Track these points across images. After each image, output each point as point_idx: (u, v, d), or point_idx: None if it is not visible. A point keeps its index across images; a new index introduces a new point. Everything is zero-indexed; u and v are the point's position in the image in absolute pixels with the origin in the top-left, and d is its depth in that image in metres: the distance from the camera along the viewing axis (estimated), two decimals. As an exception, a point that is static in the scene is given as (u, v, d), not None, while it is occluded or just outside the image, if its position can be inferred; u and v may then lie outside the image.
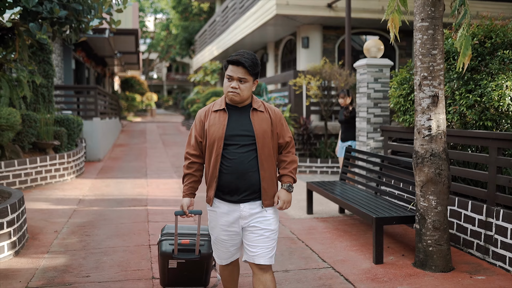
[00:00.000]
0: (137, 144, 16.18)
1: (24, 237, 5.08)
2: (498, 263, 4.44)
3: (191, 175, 3.10)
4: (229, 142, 2.92)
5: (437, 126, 4.26)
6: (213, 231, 3.07)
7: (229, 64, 2.90)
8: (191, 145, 3.11)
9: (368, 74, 6.67)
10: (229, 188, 2.93)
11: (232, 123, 2.95)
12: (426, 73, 4.24)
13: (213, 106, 3.05)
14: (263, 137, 2.94)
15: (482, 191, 4.69)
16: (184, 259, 3.38)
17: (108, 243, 5.18)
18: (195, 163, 3.10)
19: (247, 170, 2.91)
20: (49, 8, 7.23)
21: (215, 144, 2.93)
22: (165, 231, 3.55)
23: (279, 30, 14.87)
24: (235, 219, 2.96)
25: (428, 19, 4.21)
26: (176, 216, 3.26)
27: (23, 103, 8.90)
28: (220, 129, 2.93)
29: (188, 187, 3.10)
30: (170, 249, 3.38)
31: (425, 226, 4.37)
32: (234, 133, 2.93)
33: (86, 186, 8.69)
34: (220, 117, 2.98)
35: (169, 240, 3.43)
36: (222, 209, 2.98)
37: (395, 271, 4.37)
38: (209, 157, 2.99)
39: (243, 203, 2.94)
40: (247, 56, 2.89)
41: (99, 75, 24.23)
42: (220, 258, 3.14)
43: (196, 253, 3.40)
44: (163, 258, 3.39)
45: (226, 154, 2.92)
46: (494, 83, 4.85)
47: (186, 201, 3.10)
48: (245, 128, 2.94)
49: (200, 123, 3.06)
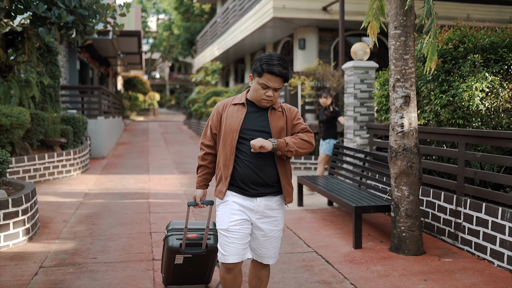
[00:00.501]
0: (139, 142, 16.68)
1: (36, 225, 5.57)
2: (466, 247, 4.90)
3: (205, 167, 3.11)
4: (244, 135, 2.90)
5: (409, 124, 4.73)
6: (223, 224, 2.94)
7: (266, 73, 2.84)
8: (207, 136, 3.10)
9: (355, 75, 7.14)
10: (243, 181, 2.90)
11: (249, 118, 2.94)
12: (399, 75, 4.71)
13: (233, 100, 3.04)
14: (279, 134, 2.94)
15: (452, 183, 5.16)
16: (191, 254, 3.36)
17: (112, 230, 5.67)
18: (209, 154, 3.10)
19: (263, 164, 2.90)
20: (57, 13, 7.72)
21: (229, 136, 2.92)
22: (171, 227, 3.52)
23: (277, 32, 15.35)
24: (247, 210, 2.93)
25: (400, 27, 4.68)
26: (189, 207, 3.25)
27: (32, 103, 9.37)
28: (237, 122, 2.91)
29: (202, 179, 3.12)
30: (177, 243, 3.35)
31: (399, 214, 4.84)
32: (250, 127, 2.92)
33: (91, 181, 9.18)
34: (238, 111, 2.96)
35: (175, 235, 3.41)
36: (235, 199, 2.94)
37: (371, 255, 4.84)
38: (223, 149, 2.96)
39: (260, 197, 2.93)
40: (284, 65, 2.85)
41: (103, 75, 24.74)
42: (231, 253, 2.91)
43: (203, 247, 3.37)
44: (171, 253, 3.34)
45: (241, 147, 2.90)
46: (465, 84, 5.32)
47: (199, 192, 3.13)
48: (262, 125, 2.93)
49: (217, 115, 3.04)
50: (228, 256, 2.91)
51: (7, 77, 8.65)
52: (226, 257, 2.92)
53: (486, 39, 5.56)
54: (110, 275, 4.20)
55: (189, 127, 23.34)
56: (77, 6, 7.84)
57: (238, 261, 2.92)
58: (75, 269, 4.36)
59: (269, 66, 2.80)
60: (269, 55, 2.87)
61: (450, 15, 13.33)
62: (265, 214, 2.95)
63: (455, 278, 4.19)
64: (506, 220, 4.36)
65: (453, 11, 13.32)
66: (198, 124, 20.03)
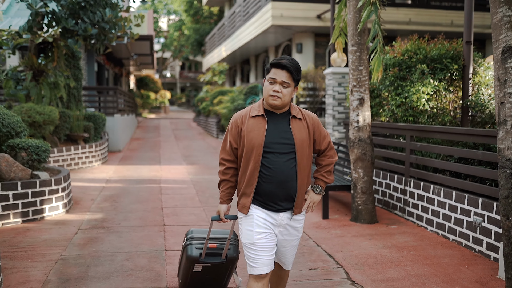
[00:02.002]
0: (151, 138, 18.11)
1: (70, 202, 6.96)
2: (410, 218, 6.21)
3: (228, 181, 3.04)
4: (268, 149, 2.83)
5: (363, 120, 6.04)
6: (249, 238, 2.91)
7: (273, 67, 2.84)
8: (226, 150, 3.01)
9: (333, 80, 8.44)
10: (267, 197, 2.87)
11: (271, 130, 2.87)
12: (355, 82, 6.02)
13: (251, 112, 2.94)
14: (302, 146, 2.88)
15: (402, 168, 6.46)
16: (210, 263, 3.31)
17: (131, 206, 7.05)
18: (230, 169, 3.02)
19: (286, 179, 2.85)
20: (83, 27, 9.12)
21: (254, 151, 2.84)
22: (190, 235, 3.44)
23: (278, 37, 16.65)
24: (272, 224, 2.93)
25: (356, 44, 5.98)
26: (212, 221, 3.19)
27: (60, 102, 10.79)
28: (260, 136, 2.83)
29: (225, 193, 3.05)
30: (197, 253, 3.30)
31: (356, 191, 6.16)
32: (273, 140, 2.85)
33: (111, 170, 10.59)
34: (259, 123, 2.87)
35: (195, 244, 3.36)
36: (259, 213, 2.91)
37: (335, 223, 6.16)
38: (246, 164, 2.90)
39: (283, 212, 2.91)
40: (292, 60, 2.83)
41: (117, 75, 26.22)
42: (260, 265, 2.90)
43: (223, 257, 3.32)
44: (190, 262, 3.30)
45: (265, 162, 2.84)
46: (414, 88, 6.61)
47: (224, 208, 3.07)
48: (285, 136, 2.86)
49: (236, 128, 2.95)
50: (257, 268, 2.89)
51: (39, 80, 10.06)
52: (255, 269, 2.90)
53: (434, 51, 6.85)
54: (132, 234, 5.57)
55: (198, 124, 24.76)
56: (100, 20, 9.22)
57: (268, 271, 2.91)
58: (105, 230, 5.74)
59: (275, 60, 2.82)
60: (281, 56, 2.90)
61: (435, 22, 14.55)
62: (287, 227, 2.96)
63: (393, 238, 5.50)
64: (435, 194, 5.66)
65: (438, 18, 14.52)
66: (206, 122, 21.39)
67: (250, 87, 15.16)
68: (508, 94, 3.24)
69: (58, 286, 3.98)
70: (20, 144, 6.67)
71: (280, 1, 14.01)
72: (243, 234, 2.96)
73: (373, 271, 4.45)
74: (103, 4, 9.27)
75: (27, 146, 6.69)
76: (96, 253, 4.85)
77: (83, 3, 9.07)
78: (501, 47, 3.29)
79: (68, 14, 9.10)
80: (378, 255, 4.88)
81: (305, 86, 11.86)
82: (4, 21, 15.00)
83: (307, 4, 14.01)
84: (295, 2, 14.29)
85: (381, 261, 4.72)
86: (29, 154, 6.70)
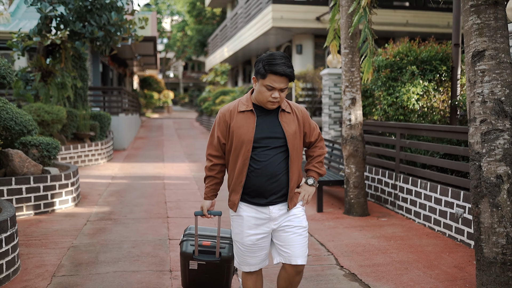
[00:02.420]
0: (155, 137, 18.51)
1: (78, 196, 7.34)
2: (400, 211, 6.57)
3: (213, 178, 3.01)
4: (257, 144, 2.79)
5: (355, 118, 6.40)
6: (238, 237, 2.93)
7: (270, 74, 2.70)
8: (214, 146, 2.96)
9: (330, 80, 8.81)
10: (257, 191, 2.83)
11: (260, 126, 2.82)
12: (347, 83, 6.39)
13: (239, 106, 2.87)
14: (294, 138, 2.84)
15: (392, 164, 6.82)
16: (204, 261, 3.25)
17: (137, 200, 7.43)
18: (217, 165, 2.99)
19: (276, 172, 2.81)
20: (90, 30, 9.51)
21: (243, 147, 2.80)
22: (188, 232, 3.42)
23: (278, 38, 17.01)
24: (263, 222, 2.87)
25: (348, 47, 6.34)
26: (196, 216, 3.18)
27: (67, 102, 11.18)
28: (249, 132, 2.78)
29: (209, 189, 3.03)
30: (191, 249, 3.26)
31: (349, 185, 6.52)
32: (263, 135, 2.81)
33: (116, 167, 10.98)
34: (247, 119, 2.82)
35: (190, 240, 3.33)
36: (249, 212, 2.88)
37: (328, 216, 6.53)
38: (235, 161, 2.85)
39: (272, 205, 2.86)
40: (287, 63, 2.72)
41: (120, 75, 26.63)
42: (248, 264, 2.95)
43: (217, 255, 3.25)
44: (184, 258, 3.29)
45: (254, 156, 2.80)
46: (405, 89, 6.97)
47: (207, 203, 3.05)
48: (275, 130, 2.82)
49: (225, 123, 2.88)
50: (244, 266, 2.97)
51: (47, 81, 10.45)
52: (242, 266, 2.98)
53: (424, 53, 7.20)
54: (137, 225, 5.95)
55: (201, 124, 25.16)
56: (106, 23, 9.61)
57: (256, 269, 2.96)
58: (112, 222, 6.12)
59: (272, 66, 2.67)
60: (270, 55, 2.74)
61: (431, 23, 14.90)
62: (284, 217, 2.90)
63: (382, 229, 5.87)
64: (422, 188, 6.01)
65: (434, 19, 14.87)
66: (209, 121, 21.78)
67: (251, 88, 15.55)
68: (477, 94, 3.60)
69: (71, 269, 4.36)
70: (31, 141, 7.06)
71: (281, 4, 14.38)
72: (233, 231, 3.00)
73: (360, 257, 4.82)
74: (109, 8, 9.65)
75: (39, 143, 7.08)
76: (105, 242, 5.23)
77: (90, 6, 9.47)
78: (471, 52, 3.65)
79: (75, 17, 9.50)
80: (366, 244, 5.25)
81: (304, 86, 12.23)
82: (12, 23, 15.42)
83: (306, 6, 14.38)
84: (295, 4, 14.67)
85: (369, 249, 5.08)
86: (40, 150, 7.09)
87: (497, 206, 3.50)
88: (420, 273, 4.37)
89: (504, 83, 3.51)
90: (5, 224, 4.03)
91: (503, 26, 3.54)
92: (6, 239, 4.03)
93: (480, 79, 3.57)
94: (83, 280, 4.11)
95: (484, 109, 3.55)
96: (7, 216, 4.10)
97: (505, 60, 3.52)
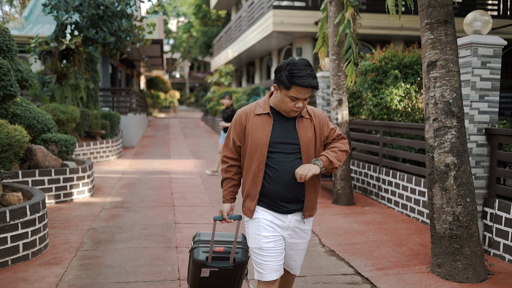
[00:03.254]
0: (162, 136, 19.31)
1: (93, 188, 8.12)
2: (382, 201, 7.30)
3: (230, 179, 2.95)
4: (273, 149, 2.74)
5: (342, 118, 7.14)
6: (256, 242, 2.82)
7: (295, 86, 2.63)
8: (229, 148, 2.92)
9: (323, 82, 9.53)
10: (274, 198, 2.77)
11: (276, 130, 2.76)
12: (335, 86, 7.12)
13: (256, 109, 2.83)
14: (308, 145, 2.78)
15: (376, 158, 7.55)
16: (217, 268, 3.08)
17: (146, 192, 8.20)
18: (233, 166, 2.94)
19: (293, 180, 2.74)
20: (102, 36, 10.28)
21: (257, 151, 2.75)
22: (197, 238, 3.19)
23: (280, 41, 17.75)
24: (279, 227, 2.82)
25: (335, 54, 7.08)
26: (215, 221, 3.03)
27: (80, 102, 11.98)
28: (265, 135, 2.74)
29: (228, 192, 2.95)
30: (203, 257, 3.07)
31: (336, 178, 7.26)
32: (278, 140, 2.75)
33: (126, 163, 11.77)
34: (264, 122, 2.77)
35: (201, 247, 3.12)
36: (266, 216, 2.81)
37: (318, 205, 7.25)
38: (249, 165, 2.80)
39: (291, 214, 2.81)
40: (313, 73, 2.65)
41: (128, 75, 27.47)
42: (269, 271, 2.81)
43: (231, 261, 3.07)
44: (196, 266, 3.09)
45: (269, 163, 2.74)
46: (388, 91, 7.70)
47: (227, 207, 2.96)
48: (290, 136, 2.76)
49: (240, 126, 2.85)
50: (266, 274, 2.81)
51: (62, 83, 11.25)
52: (263, 275, 2.82)
53: (407, 58, 7.92)
54: (147, 212, 6.72)
55: (206, 123, 25.97)
56: (117, 30, 10.39)
57: (277, 277, 2.83)
58: (125, 209, 6.89)
59: (297, 79, 2.60)
60: (293, 64, 2.64)
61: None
62: (296, 230, 2.86)
63: (365, 216, 6.60)
64: (401, 180, 6.74)
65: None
66: (213, 120, 22.56)
67: (252, 89, 16.30)
68: (431, 97, 4.32)
69: (92, 246, 5.13)
70: (51, 138, 7.85)
71: (281, 9, 15.14)
72: (250, 238, 2.89)
73: (341, 238, 5.56)
74: (119, 15, 10.43)
75: (58, 140, 7.87)
76: (119, 225, 6.00)
77: (102, 14, 10.25)
78: (426, 62, 4.38)
79: (89, 24, 10.28)
80: (348, 228, 5.99)
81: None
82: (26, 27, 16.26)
83: (305, 11, 15.12)
84: (295, 10, 15.42)
85: (349, 232, 5.82)
86: (59, 146, 7.87)
87: (445, 189, 4.24)
88: (389, 249, 5.10)
89: (452, 88, 4.24)
90: (38, 205, 4.81)
91: (452, 40, 4.27)
92: (39, 218, 4.81)
93: (433, 84, 4.31)
94: (103, 253, 4.88)
95: (436, 110, 4.29)
96: (39, 199, 4.88)
97: (453, 69, 4.26)
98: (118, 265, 4.52)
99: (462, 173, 4.22)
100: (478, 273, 4.19)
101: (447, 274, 4.23)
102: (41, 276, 4.21)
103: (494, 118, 5.04)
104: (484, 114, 5.00)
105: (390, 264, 4.66)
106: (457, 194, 4.21)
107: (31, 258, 4.66)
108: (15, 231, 4.49)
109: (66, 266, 4.49)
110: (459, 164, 4.21)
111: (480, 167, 5.04)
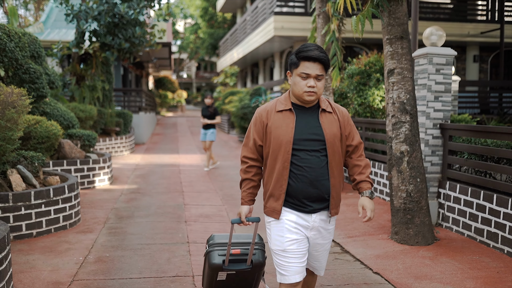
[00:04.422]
0: (170, 133, 20.45)
1: (112, 177, 9.24)
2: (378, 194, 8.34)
3: (250, 180, 2.85)
4: (297, 147, 2.65)
5: (328, 115, 8.20)
6: (279, 244, 2.74)
7: (303, 61, 2.59)
8: (249, 148, 2.83)
9: (316, 84, 10.62)
10: (299, 197, 2.68)
11: (300, 126, 2.67)
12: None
13: (277, 106, 2.75)
14: (333, 141, 2.68)
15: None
16: (234, 271, 3.01)
17: (158, 181, 9.32)
18: (253, 167, 2.84)
19: (318, 178, 2.65)
20: (118, 42, 11.40)
21: (281, 149, 2.66)
22: (212, 241, 3.12)
23: (282, 44, 18.83)
24: (303, 227, 2.73)
25: (323, 60, 8.14)
26: (233, 224, 2.92)
27: (97, 102, 13.13)
28: (288, 132, 2.65)
29: (247, 193, 2.86)
30: (219, 260, 3.00)
31: (324, 168, 8.32)
32: (302, 137, 2.66)
33: (138, 157, 12.91)
34: (286, 119, 2.69)
35: (217, 250, 3.05)
36: (289, 217, 2.72)
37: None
38: (273, 164, 2.71)
39: (315, 213, 2.72)
40: (321, 49, 2.60)
41: (137, 76, 28.64)
42: (292, 273, 2.73)
43: (248, 263, 3.00)
44: (213, 270, 3.01)
45: (294, 161, 2.65)
46: (371, 92, 8.76)
47: (245, 209, 2.85)
48: (315, 132, 2.67)
49: (261, 124, 2.76)
50: (289, 277, 2.73)
51: (80, 84, 12.40)
52: (286, 277, 2.74)
53: (388, 63, 8.96)
54: (160, 196, 7.82)
55: (212, 122, 27.09)
56: (131, 36, 11.52)
57: (300, 279, 2.75)
58: (141, 194, 8.01)
59: (304, 52, 2.58)
60: (302, 45, 2.65)
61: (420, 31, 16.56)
62: (320, 230, 2.78)
63: (347, 200, 7.65)
64: (378, 169, 7.81)
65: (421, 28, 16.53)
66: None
67: (254, 89, 17.36)
68: (390, 98, 5.38)
69: (116, 220, 6.24)
70: (76, 133, 8.98)
71: (281, 15, 16.22)
72: (272, 240, 2.79)
73: (323, 216, 6.63)
74: (133, 23, 11.56)
75: (81, 135, 8.99)
76: (137, 205, 7.11)
77: (118, 22, 11.37)
78: (387, 69, 5.42)
79: (106, 31, 11.41)
80: (330, 209, 7.05)
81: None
82: (45, 31, 17.44)
83: (304, 17, 16.18)
84: (294, 16, 16.50)
85: (331, 211, 6.89)
86: (82, 141, 9.00)
87: (401, 172, 5.31)
88: (362, 224, 6.17)
89: (406, 91, 5.30)
90: (74, 186, 5.93)
91: (407, 52, 5.34)
92: (74, 196, 5.92)
93: (391, 88, 5.38)
94: (126, 225, 5.99)
95: (394, 108, 5.36)
96: (74, 181, 6.00)
97: (408, 75, 5.32)
98: (139, 233, 5.63)
99: (414, 159, 5.28)
100: (426, 239, 5.26)
101: (402, 239, 5.30)
102: (79, 240, 5.33)
103: (446, 115, 6.09)
104: (438, 112, 6.06)
105: (359, 233, 5.73)
106: (410, 176, 5.28)
107: (68, 228, 5.79)
108: (56, 205, 5.61)
109: (97, 233, 5.61)
110: (411, 152, 5.28)
111: (435, 155, 6.10)
